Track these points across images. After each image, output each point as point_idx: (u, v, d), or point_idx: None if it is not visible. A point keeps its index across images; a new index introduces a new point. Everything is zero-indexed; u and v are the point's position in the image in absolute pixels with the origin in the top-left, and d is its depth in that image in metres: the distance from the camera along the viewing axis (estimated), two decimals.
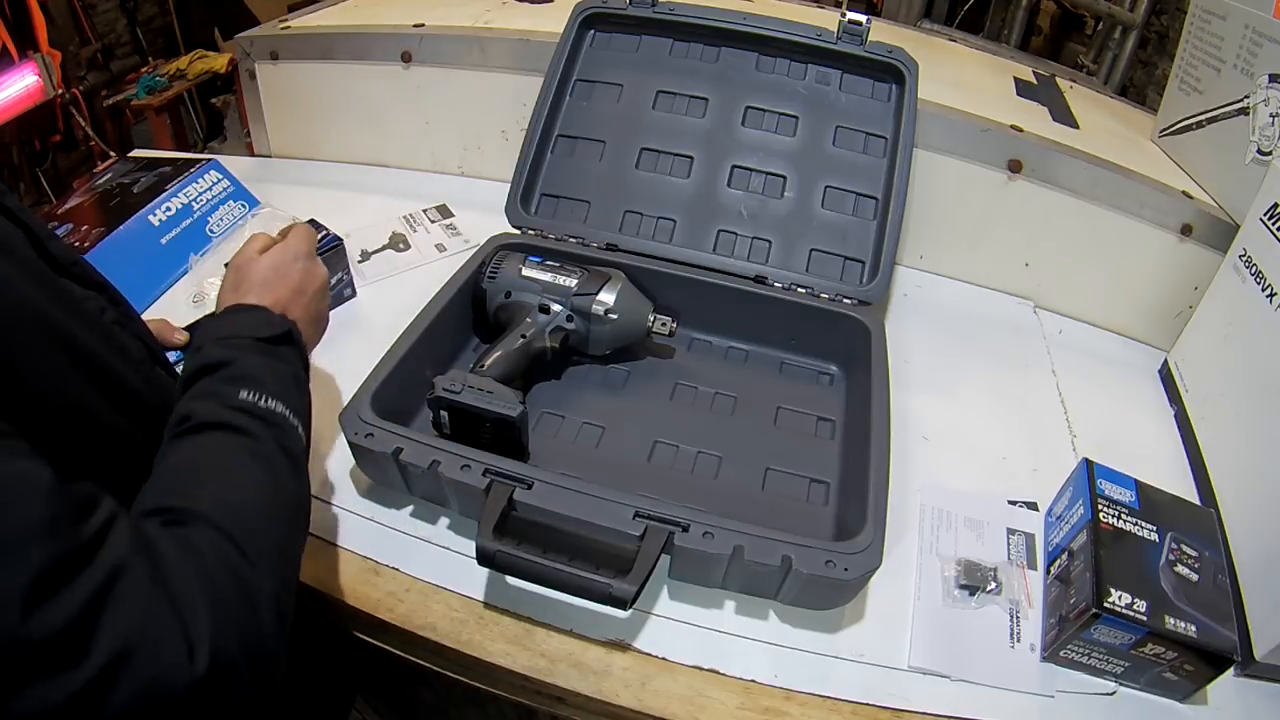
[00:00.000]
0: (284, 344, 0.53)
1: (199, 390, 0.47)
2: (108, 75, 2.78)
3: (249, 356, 0.49)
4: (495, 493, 0.58)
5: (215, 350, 0.49)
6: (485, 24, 1.06)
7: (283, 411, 0.48)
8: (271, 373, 0.49)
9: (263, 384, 0.48)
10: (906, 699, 0.56)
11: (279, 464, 0.45)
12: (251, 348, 0.50)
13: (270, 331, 0.52)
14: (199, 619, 0.34)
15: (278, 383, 0.49)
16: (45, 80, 2.34)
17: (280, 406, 0.48)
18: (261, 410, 0.46)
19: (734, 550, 0.55)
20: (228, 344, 0.50)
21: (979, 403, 0.82)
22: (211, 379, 0.47)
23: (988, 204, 0.93)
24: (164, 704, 0.33)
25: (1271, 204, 0.72)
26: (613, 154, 0.90)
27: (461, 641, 0.58)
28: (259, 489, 0.43)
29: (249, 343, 0.50)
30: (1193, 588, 0.56)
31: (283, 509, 0.44)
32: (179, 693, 0.33)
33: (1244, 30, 0.82)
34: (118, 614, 0.32)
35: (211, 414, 0.45)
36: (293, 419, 0.48)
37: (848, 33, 0.85)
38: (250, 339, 0.51)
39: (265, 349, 0.51)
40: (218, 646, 0.35)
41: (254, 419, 0.46)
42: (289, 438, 0.47)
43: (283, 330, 0.53)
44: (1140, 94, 1.85)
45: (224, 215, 0.99)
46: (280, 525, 0.44)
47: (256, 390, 0.47)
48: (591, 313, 0.76)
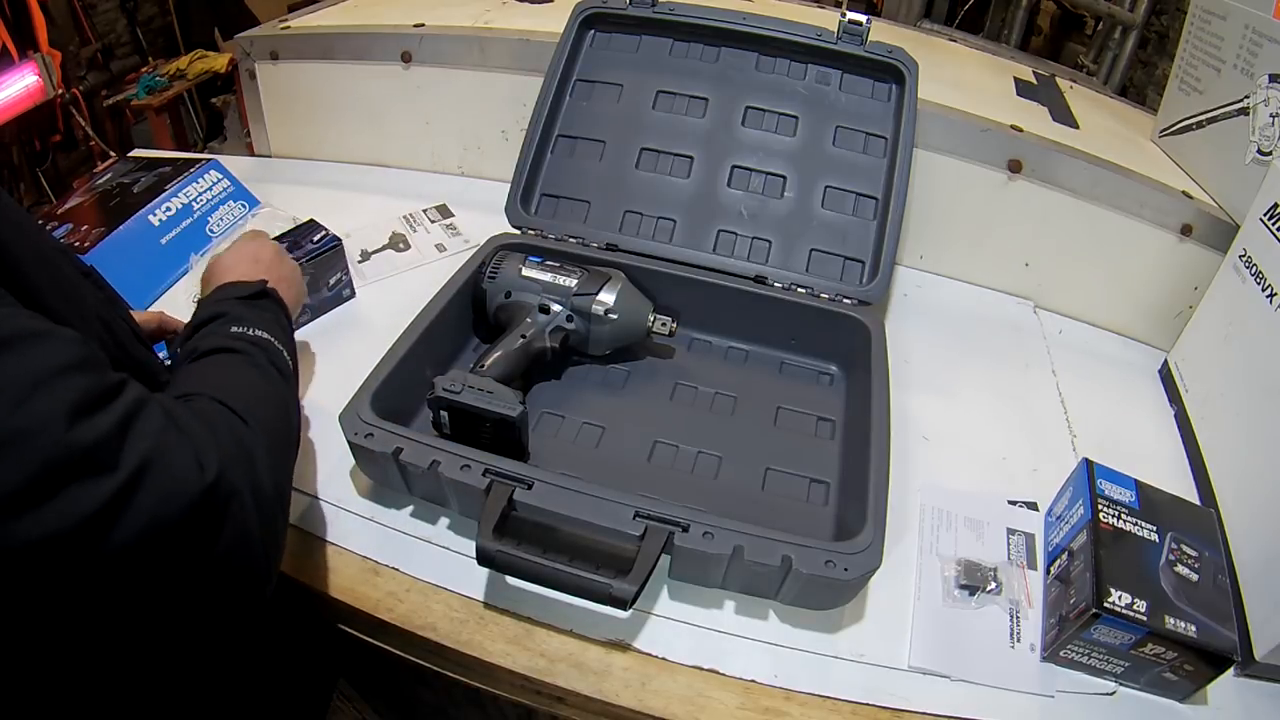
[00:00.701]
0: (261, 297, 0.61)
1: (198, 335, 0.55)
2: (108, 75, 2.78)
3: (234, 307, 0.58)
4: (495, 493, 0.58)
5: (204, 309, 0.58)
6: (485, 24, 1.06)
7: (269, 338, 0.56)
8: (257, 314, 0.58)
9: (251, 321, 0.56)
10: (906, 699, 0.56)
11: (270, 372, 0.54)
12: (236, 303, 0.58)
13: (248, 291, 0.60)
14: (207, 448, 0.41)
15: (263, 321, 0.58)
16: (45, 80, 2.34)
17: (267, 335, 0.56)
18: (252, 337, 0.55)
19: (734, 550, 0.55)
20: (214, 303, 0.59)
21: (979, 403, 0.82)
22: (206, 327, 0.56)
23: (988, 204, 0.93)
24: (179, 510, 0.38)
25: (1271, 204, 0.72)
26: (613, 154, 0.90)
27: (461, 641, 0.58)
28: (254, 383, 0.52)
29: (232, 301, 0.59)
30: (1193, 588, 0.56)
31: (275, 400, 0.52)
32: (193, 498, 0.38)
33: (1244, 30, 0.82)
34: (141, 434, 0.38)
35: (210, 343, 0.53)
36: (278, 345, 0.57)
37: (848, 33, 0.85)
38: (232, 298, 0.59)
39: (247, 303, 0.59)
40: (224, 468, 0.41)
41: (248, 343, 0.54)
42: (278, 358, 0.56)
43: (258, 288, 0.61)
44: (1140, 94, 1.85)
45: (224, 215, 0.99)
46: (274, 410, 0.51)
47: (247, 325, 0.56)
48: (591, 313, 0.76)
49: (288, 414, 0.53)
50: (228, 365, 0.52)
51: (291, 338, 0.61)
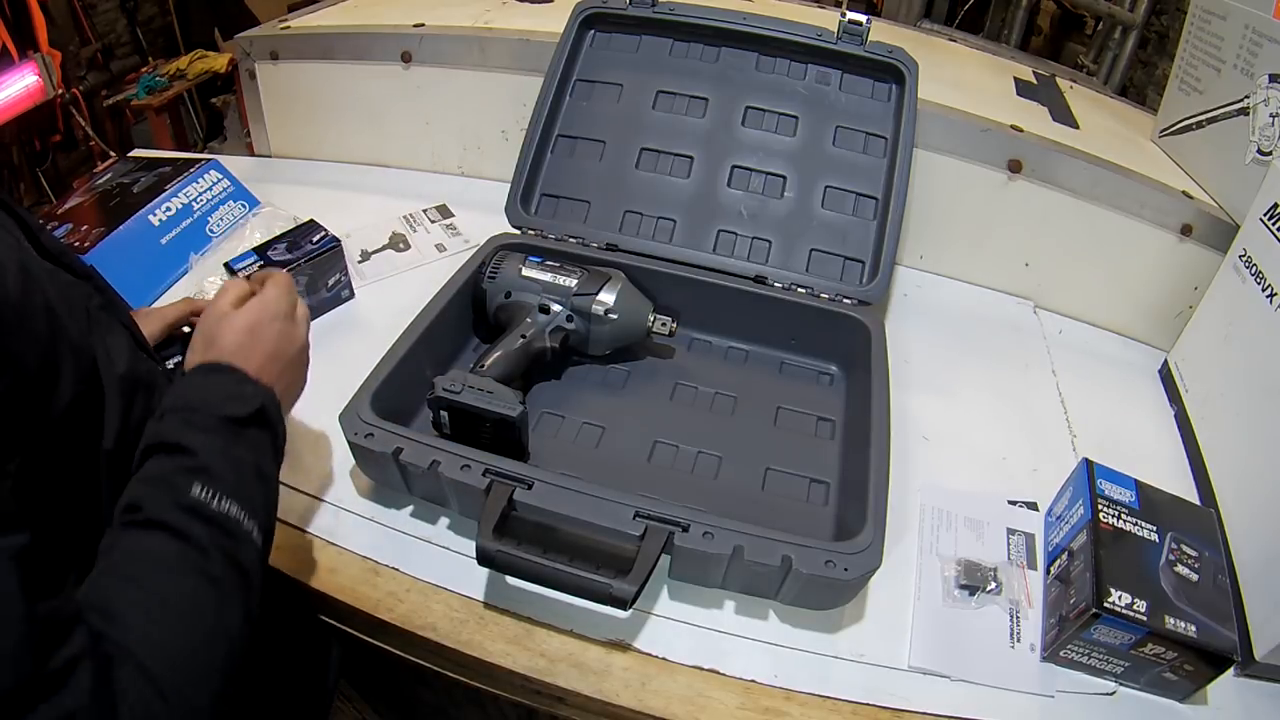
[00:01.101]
0: (253, 424, 0.49)
1: (154, 473, 0.45)
2: (108, 75, 2.78)
3: (211, 442, 0.46)
4: (495, 493, 0.58)
5: (178, 428, 0.46)
6: (485, 24, 1.06)
7: (237, 515, 0.45)
8: (233, 465, 0.47)
9: (221, 480, 0.45)
10: (906, 699, 0.56)
11: (225, 584, 0.43)
12: (216, 429, 0.47)
13: (241, 410, 0.49)
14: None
15: (238, 477, 0.46)
16: (45, 80, 2.34)
17: (235, 508, 0.45)
18: (213, 513, 0.44)
19: (734, 550, 0.55)
20: (190, 421, 0.47)
21: (979, 403, 0.82)
22: (168, 462, 0.45)
23: (988, 204, 0.93)
24: None
25: (1271, 204, 0.72)
26: (613, 154, 0.90)
27: (461, 641, 0.58)
28: (200, 622, 0.42)
29: (215, 423, 0.47)
30: (1193, 588, 0.56)
31: (220, 642, 0.42)
32: None
33: (1244, 30, 0.82)
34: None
35: (161, 511, 0.43)
36: (247, 523, 0.46)
37: (848, 33, 0.85)
38: (217, 417, 0.48)
39: (232, 431, 0.48)
40: None
41: (205, 524, 0.44)
42: (240, 548, 0.45)
43: (255, 407, 0.49)
44: (1140, 94, 1.85)
45: (224, 215, 0.99)
46: (215, 664, 0.42)
47: (212, 488, 0.45)
48: (591, 313, 0.76)
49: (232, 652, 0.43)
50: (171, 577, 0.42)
51: (272, 487, 0.50)
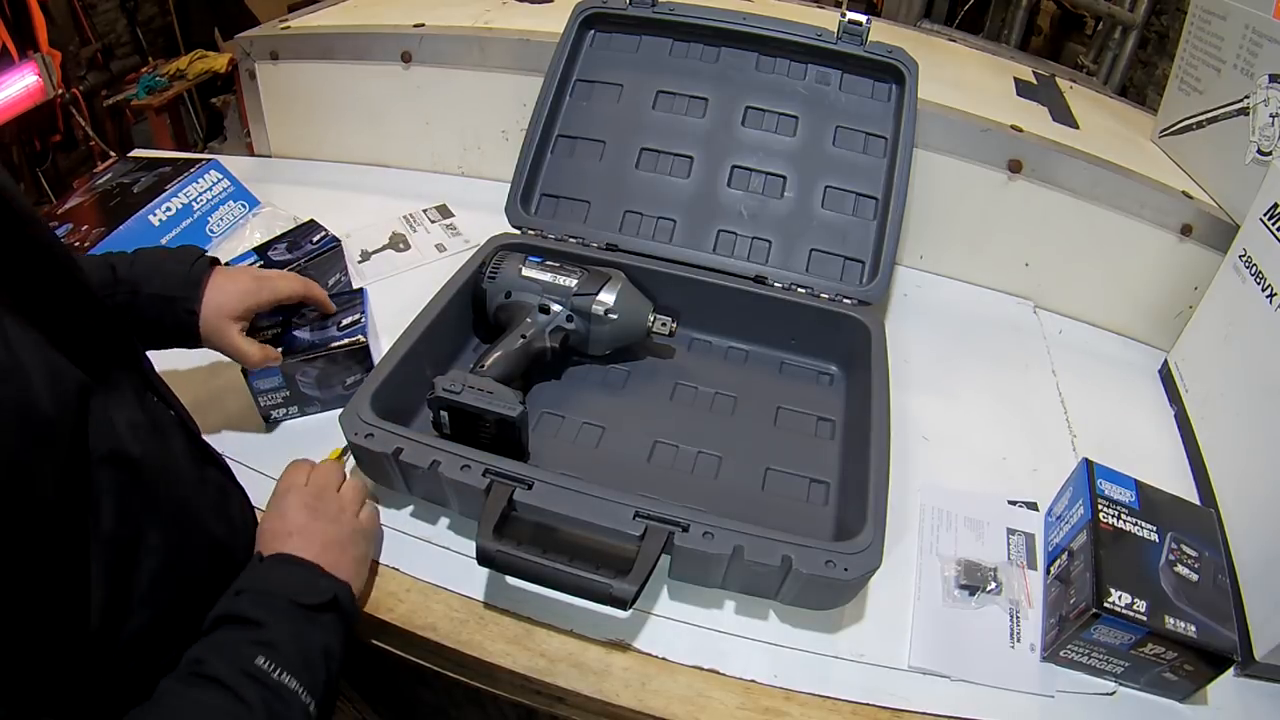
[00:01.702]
0: (328, 611, 0.51)
1: (221, 639, 0.47)
2: (108, 75, 2.78)
3: (280, 621, 0.48)
4: (495, 493, 0.58)
5: (250, 605, 0.48)
6: (485, 24, 1.06)
7: (294, 688, 0.46)
8: (299, 644, 0.48)
9: (285, 656, 0.47)
10: (906, 699, 0.56)
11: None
12: (288, 611, 0.49)
13: (314, 599, 0.51)
14: None
15: (302, 657, 0.48)
16: (45, 80, 2.34)
17: (293, 682, 0.46)
18: (272, 682, 0.45)
19: (734, 550, 0.55)
20: (265, 603, 0.49)
21: (979, 403, 0.82)
22: (236, 633, 0.47)
23: (988, 204, 0.93)
24: None
25: (1271, 204, 0.72)
26: (613, 154, 0.90)
27: (461, 641, 0.58)
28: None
29: (286, 605, 0.49)
30: (1193, 588, 0.56)
31: None
32: None
33: (1244, 30, 0.82)
34: None
35: (222, 671, 0.44)
36: (305, 697, 0.47)
37: (848, 33, 0.85)
38: (289, 601, 0.49)
39: (304, 615, 0.50)
40: None
41: (263, 690, 0.45)
42: (291, 713, 0.46)
43: (329, 597, 0.51)
44: (1140, 94, 1.85)
45: (224, 215, 0.99)
46: None
47: (275, 661, 0.46)
48: (591, 313, 0.76)
49: None
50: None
51: (333, 669, 0.50)
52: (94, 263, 0.62)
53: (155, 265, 0.63)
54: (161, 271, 0.63)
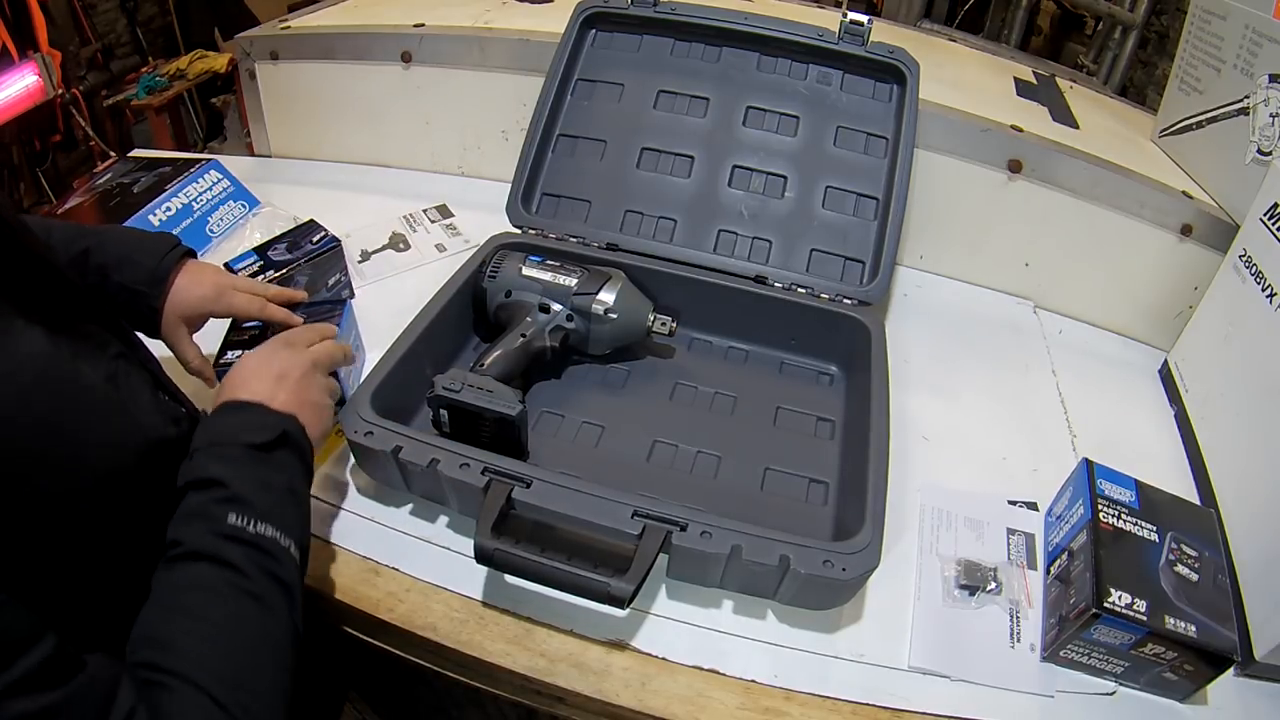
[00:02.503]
0: (279, 447, 0.51)
1: (191, 508, 0.47)
2: (108, 75, 2.78)
3: (240, 470, 0.49)
4: (494, 491, 0.58)
5: (207, 463, 0.48)
6: (485, 24, 1.07)
7: (273, 535, 0.47)
8: (263, 489, 0.49)
9: (253, 506, 0.47)
10: (906, 699, 0.56)
11: (268, 599, 0.45)
12: (243, 458, 0.49)
13: (263, 436, 0.51)
14: None
15: (270, 500, 0.49)
16: (45, 80, 2.34)
17: (270, 529, 0.47)
18: (250, 536, 0.46)
19: (732, 550, 0.55)
20: (219, 455, 0.49)
21: (979, 403, 0.82)
22: (203, 496, 0.47)
23: (988, 204, 0.93)
24: None
25: (1271, 204, 0.72)
26: (614, 154, 0.90)
27: (461, 641, 0.58)
28: (248, 637, 0.44)
29: (239, 451, 0.49)
30: (1193, 588, 0.56)
31: (271, 652, 0.45)
32: None
33: (1244, 30, 0.82)
34: None
35: (201, 542, 0.45)
36: (284, 540, 0.48)
37: (849, 33, 0.85)
38: (241, 446, 0.50)
39: (258, 458, 0.50)
40: None
41: (244, 547, 0.46)
42: (279, 565, 0.47)
43: (277, 432, 0.51)
44: (1140, 94, 1.85)
45: (224, 215, 0.99)
46: (268, 672, 0.44)
47: (246, 514, 0.47)
48: (591, 312, 0.76)
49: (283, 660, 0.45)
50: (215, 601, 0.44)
51: (304, 506, 0.52)
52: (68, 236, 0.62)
53: (125, 253, 0.63)
54: (131, 261, 0.63)
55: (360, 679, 0.82)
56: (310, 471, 0.54)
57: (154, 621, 0.43)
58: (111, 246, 0.63)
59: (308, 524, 0.52)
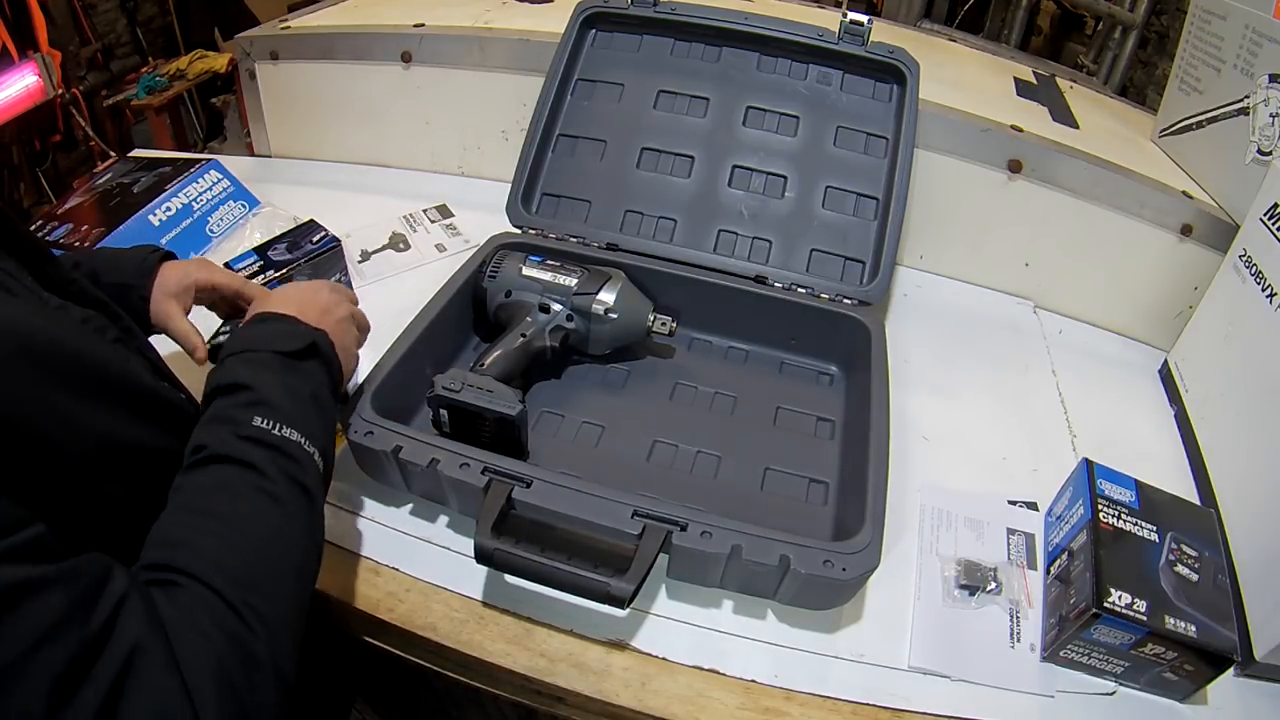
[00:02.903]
0: (309, 357, 0.52)
1: (215, 413, 0.47)
2: (108, 75, 2.78)
3: (267, 375, 0.49)
4: (494, 491, 0.58)
5: (235, 368, 0.49)
6: (485, 24, 1.07)
7: (297, 439, 0.47)
8: (290, 395, 0.49)
9: (278, 409, 0.47)
10: (906, 699, 0.56)
11: (289, 502, 0.45)
12: (272, 364, 0.50)
13: (294, 345, 0.51)
14: (207, 701, 0.36)
15: (295, 406, 0.48)
16: (45, 80, 2.34)
17: (295, 434, 0.47)
18: (274, 439, 0.46)
19: (732, 550, 0.55)
20: (248, 360, 0.49)
21: (979, 403, 0.82)
22: (228, 401, 0.47)
23: (988, 204, 0.93)
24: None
25: (1271, 204, 0.72)
26: (614, 154, 0.90)
27: (461, 641, 0.58)
28: (264, 538, 0.43)
29: (269, 357, 0.50)
30: (1193, 588, 0.56)
31: (287, 556, 0.44)
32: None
33: (1244, 30, 0.82)
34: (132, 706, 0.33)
35: (224, 445, 0.45)
36: (308, 446, 0.48)
37: (849, 33, 0.85)
38: (271, 353, 0.50)
39: (287, 365, 0.50)
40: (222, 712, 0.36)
41: (267, 450, 0.45)
42: (303, 469, 0.47)
43: (307, 342, 0.52)
44: (1140, 94, 1.84)
45: (224, 215, 0.99)
46: (284, 577, 0.43)
47: (271, 417, 0.46)
48: (591, 312, 0.76)
49: (304, 565, 0.45)
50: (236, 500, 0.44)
51: (329, 415, 0.52)
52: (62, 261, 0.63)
53: (111, 260, 0.65)
54: (117, 265, 0.64)
55: (360, 679, 0.82)
56: (337, 385, 0.55)
57: (169, 523, 0.42)
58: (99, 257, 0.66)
59: (333, 433, 0.53)
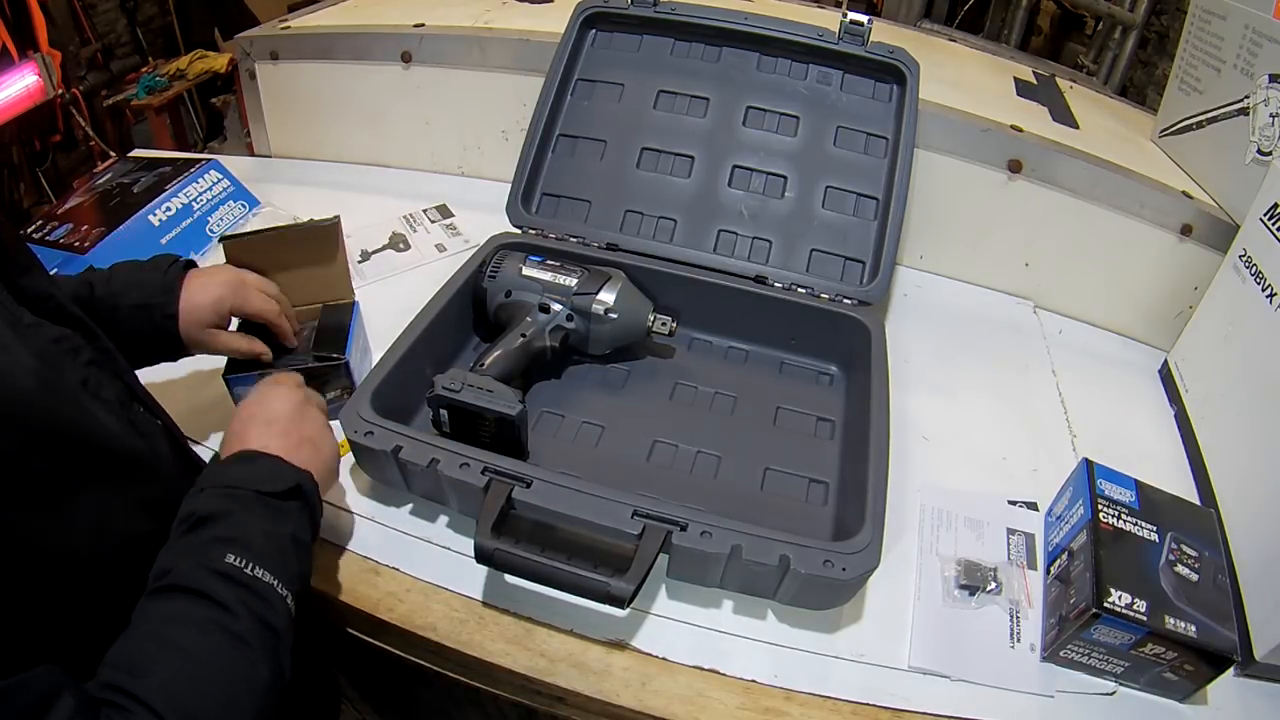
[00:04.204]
0: (291, 499, 0.51)
1: (187, 542, 0.46)
2: (108, 75, 2.78)
3: (246, 514, 0.48)
4: (494, 491, 0.58)
5: (213, 500, 0.48)
6: (485, 24, 1.07)
7: (269, 581, 0.45)
8: (266, 535, 0.47)
9: (254, 549, 0.46)
10: (906, 699, 0.56)
11: (254, 644, 0.43)
12: (252, 502, 0.48)
13: (277, 486, 0.50)
14: None
15: (271, 545, 0.47)
16: (45, 80, 2.34)
17: (267, 575, 0.46)
18: (245, 578, 0.44)
19: (732, 550, 0.55)
20: (229, 495, 0.48)
21: (979, 403, 0.82)
22: (203, 532, 0.46)
23: (988, 204, 0.93)
24: None
25: (1271, 204, 0.72)
26: (614, 154, 0.90)
27: (461, 641, 0.58)
28: (226, 680, 0.42)
29: (250, 496, 0.49)
30: (1193, 588, 0.56)
31: (247, 700, 0.42)
32: None
33: (1244, 30, 0.82)
34: None
35: (191, 577, 0.44)
36: (280, 589, 0.46)
37: (849, 33, 0.85)
38: (253, 492, 0.49)
39: (268, 504, 0.49)
40: None
41: (237, 588, 0.44)
42: (272, 610, 0.45)
43: (291, 484, 0.51)
44: (1140, 94, 1.85)
45: (224, 215, 0.99)
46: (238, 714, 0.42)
47: (244, 556, 0.45)
48: (591, 312, 0.76)
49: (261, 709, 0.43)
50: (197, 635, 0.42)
51: (305, 558, 0.51)
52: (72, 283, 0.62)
53: (131, 278, 0.63)
54: (138, 283, 0.62)
55: (360, 679, 0.82)
56: (317, 528, 0.53)
57: (129, 647, 0.41)
58: (117, 279, 0.63)
59: (308, 576, 0.51)
